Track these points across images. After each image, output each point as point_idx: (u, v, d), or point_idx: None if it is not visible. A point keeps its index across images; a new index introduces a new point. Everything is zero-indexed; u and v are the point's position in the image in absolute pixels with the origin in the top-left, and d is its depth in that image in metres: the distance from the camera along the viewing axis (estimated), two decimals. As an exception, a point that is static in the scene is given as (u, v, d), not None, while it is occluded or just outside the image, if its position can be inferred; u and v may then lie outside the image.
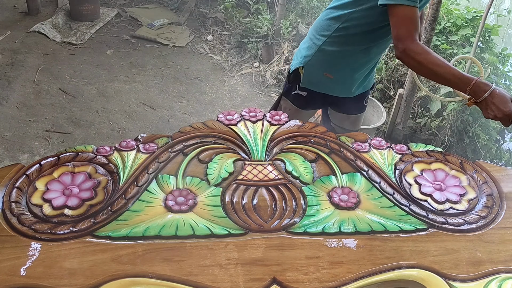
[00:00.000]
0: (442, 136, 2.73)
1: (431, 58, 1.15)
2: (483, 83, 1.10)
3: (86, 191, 0.95)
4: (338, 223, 0.92)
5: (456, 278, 0.83)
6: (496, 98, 1.06)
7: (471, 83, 1.09)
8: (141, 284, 0.78)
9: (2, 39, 3.65)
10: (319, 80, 1.54)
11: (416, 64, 1.16)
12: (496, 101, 1.06)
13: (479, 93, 1.08)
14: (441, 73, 1.13)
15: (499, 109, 1.05)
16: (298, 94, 1.58)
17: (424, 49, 1.17)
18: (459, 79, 1.11)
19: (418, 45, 1.18)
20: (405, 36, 1.18)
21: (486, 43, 2.92)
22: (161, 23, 4.15)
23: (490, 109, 1.06)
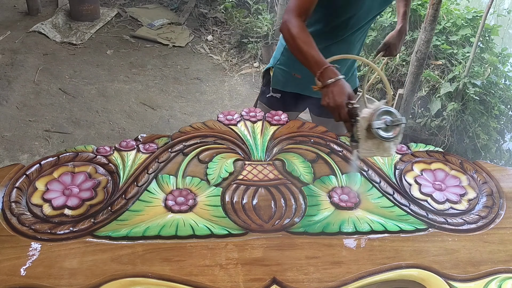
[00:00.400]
0: (442, 136, 2.73)
1: (302, 35, 1.16)
2: (332, 71, 1.10)
3: (86, 191, 0.95)
4: (338, 223, 0.92)
5: (456, 278, 0.83)
6: (336, 87, 1.06)
7: (322, 67, 1.10)
8: (141, 284, 0.78)
9: (2, 39, 3.65)
10: (288, 80, 1.52)
11: (288, 36, 1.18)
12: (334, 90, 1.06)
13: (325, 78, 1.09)
14: (304, 51, 1.14)
15: (334, 98, 1.05)
16: (272, 96, 1.55)
17: (301, 26, 1.18)
18: (315, 62, 1.12)
19: (298, 21, 1.19)
20: (291, 9, 1.20)
21: (486, 43, 2.92)
22: (161, 23, 4.15)
23: (327, 96, 1.07)
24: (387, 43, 1.50)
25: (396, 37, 1.48)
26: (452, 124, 2.70)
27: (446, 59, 2.90)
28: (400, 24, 1.49)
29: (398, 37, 1.48)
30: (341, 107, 1.04)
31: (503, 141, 2.92)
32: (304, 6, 1.20)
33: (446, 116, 2.71)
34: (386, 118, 0.95)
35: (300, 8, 1.19)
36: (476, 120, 2.70)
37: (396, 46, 1.49)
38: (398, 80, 3.04)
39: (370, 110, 0.97)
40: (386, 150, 0.97)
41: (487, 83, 2.71)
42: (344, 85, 1.07)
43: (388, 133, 0.95)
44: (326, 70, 1.10)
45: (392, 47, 1.49)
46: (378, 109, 0.96)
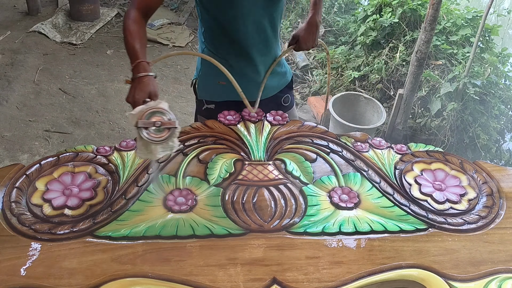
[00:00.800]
0: (442, 136, 2.73)
1: (132, 26, 1.15)
2: (145, 68, 1.07)
3: (86, 191, 0.95)
4: (338, 223, 0.92)
5: (456, 278, 0.83)
6: (140, 84, 1.02)
7: (135, 61, 1.08)
8: (141, 284, 0.78)
9: (2, 39, 3.65)
10: (215, 89, 1.44)
11: (123, 28, 1.17)
12: (138, 86, 1.02)
13: (135, 72, 1.06)
14: (127, 42, 1.12)
15: (133, 94, 1.01)
16: (207, 108, 1.47)
17: (135, 17, 1.17)
18: (133, 55, 1.10)
19: (135, 12, 1.18)
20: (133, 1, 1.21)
21: (486, 43, 2.92)
22: (161, 23, 4.15)
23: (130, 91, 1.03)
24: (296, 36, 1.38)
25: (304, 29, 1.37)
26: (452, 124, 2.70)
27: (446, 59, 2.90)
28: (310, 15, 1.38)
29: (307, 29, 1.36)
30: (137, 103, 0.98)
31: (503, 141, 2.92)
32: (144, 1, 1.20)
33: (446, 116, 2.71)
34: (162, 119, 0.92)
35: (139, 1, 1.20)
36: (476, 120, 2.70)
37: (306, 39, 1.37)
38: (398, 80, 3.04)
39: (142, 108, 0.94)
40: (151, 152, 0.92)
41: (487, 83, 2.71)
42: (149, 83, 1.03)
43: (155, 134, 0.91)
44: (139, 64, 1.07)
45: (301, 40, 1.37)
46: (150, 109, 0.93)
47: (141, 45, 1.13)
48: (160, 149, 0.92)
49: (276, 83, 1.51)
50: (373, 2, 3.26)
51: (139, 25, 1.18)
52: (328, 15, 3.93)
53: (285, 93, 1.57)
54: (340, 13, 3.98)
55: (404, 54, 3.03)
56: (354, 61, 3.26)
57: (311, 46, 1.39)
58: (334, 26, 3.83)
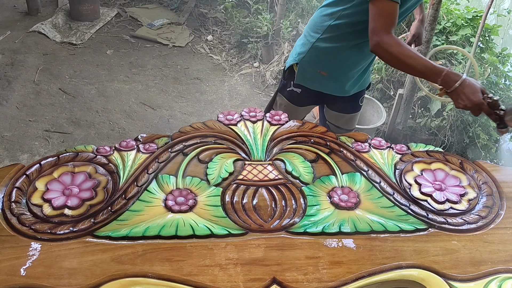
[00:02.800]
0: (442, 136, 2.73)
1: (403, 50, 1.16)
2: (454, 74, 1.11)
3: (86, 191, 0.95)
4: (338, 223, 0.92)
5: (456, 278, 0.83)
6: (466, 88, 1.07)
7: (442, 73, 1.11)
8: (141, 284, 0.78)
9: (2, 39, 3.65)
10: (313, 77, 1.54)
11: (389, 56, 1.18)
12: (466, 91, 1.07)
13: (450, 83, 1.09)
14: (413, 65, 1.14)
15: (469, 99, 1.06)
16: (293, 90, 1.58)
17: (396, 41, 1.19)
18: (431, 70, 1.12)
19: (392, 37, 1.19)
20: (380, 29, 1.19)
21: (486, 43, 2.92)
22: (161, 23, 4.15)
23: (460, 98, 1.08)
24: (416, 34, 1.62)
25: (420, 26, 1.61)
26: (452, 124, 2.70)
27: (446, 59, 2.90)
28: (421, 14, 1.61)
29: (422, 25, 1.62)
30: (481, 104, 1.06)
31: (503, 141, 2.92)
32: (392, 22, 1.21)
33: (446, 116, 2.71)
34: None
35: (388, 25, 1.20)
36: (476, 120, 2.70)
37: (422, 35, 1.62)
38: (398, 80, 3.04)
39: None
40: None
41: (487, 83, 2.71)
42: (472, 83, 1.08)
43: None
44: (447, 74, 1.10)
45: (420, 36, 1.62)
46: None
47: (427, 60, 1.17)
48: None
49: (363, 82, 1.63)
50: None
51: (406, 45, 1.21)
52: (328, 15, 3.92)
53: (364, 93, 1.72)
54: (340, 13, 3.97)
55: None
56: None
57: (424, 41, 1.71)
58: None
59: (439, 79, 1.11)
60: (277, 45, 3.88)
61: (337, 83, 1.51)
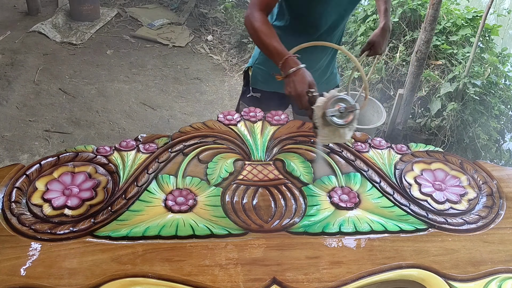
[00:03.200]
0: (442, 136, 2.73)
1: (264, 28, 1.19)
2: (294, 61, 1.12)
3: (86, 191, 0.95)
4: (338, 223, 0.92)
5: (456, 278, 0.83)
6: (297, 76, 1.08)
7: (283, 58, 1.13)
8: (141, 284, 0.78)
9: (2, 39, 3.65)
10: (267, 79, 1.52)
11: (251, 30, 1.21)
12: (295, 79, 1.08)
13: (287, 68, 1.11)
14: (266, 43, 1.17)
15: (295, 87, 1.08)
16: (253, 96, 1.56)
17: (262, 19, 1.21)
18: (277, 53, 1.15)
19: (261, 14, 1.21)
20: (254, 3, 1.23)
21: (486, 43, 2.92)
22: (161, 23, 4.15)
23: (289, 85, 1.09)
24: (371, 41, 1.47)
25: (379, 35, 1.46)
26: (452, 124, 2.70)
27: (446, 59, 2.90)
28: (383, 21, 1.46)
29: (382, 35, 1.46)
30: (302, 95, 1.06)
31: (503, 141, 2.92)
32: (265, 2, 1.23)
33: (446, 116, 2.71)
34: (341, 106, 1.00)
35: (261, 3, 1.23)
36: (476, 120, 2.70)
37: (381, 44, 1.46)
38: (398, 80, 3.04)
39: (324, 99, 1.02)
40: (341, 136, 1.02)
41: (487, 83, 2.71)
42: (304, 74, 1.09)
43: (342, 119, 1.00)
44: (287, 60, 1.12)
45: (377, 45, 1.46)
46: (332, 97, 1.01)
47: (278, 42, 1.17)
48: (347, 131, 1.03)
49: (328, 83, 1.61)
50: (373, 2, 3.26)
51: (268, 24, 1.22)
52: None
53: None
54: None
55: (404, 54, 3.03)
56: (354, 61, 3.26)
57: (383, 51, 1.50)
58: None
59: (280, 62, 1.13)
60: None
61: None
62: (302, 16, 1.37)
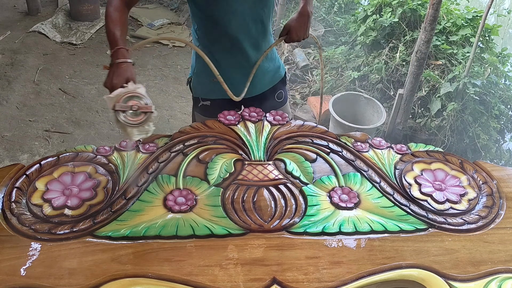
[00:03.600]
0: (442, 136, 2.73)
1: (114, 14, 1.18)
2: (123, 54, 1.10)
3: (86, 191, 0.95)
4: (338, 223, 0.92)
5: (456, 278, 0.83)
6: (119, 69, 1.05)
7: (114, 48, 1.11)
8: (141, 284, 0.78)
9: (2, 39, 3.65)
10: (209, 87, 1.45)
11: (105, 14, 1.20)
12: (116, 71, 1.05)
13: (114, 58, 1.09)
14: (108, 29, 1.15)
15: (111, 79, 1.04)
16: (203, 105, 1.51)
17: (117, 5, 1.19)
18: (112, 41, 1.13)
19: (119, 1, 1.20)
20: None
21: (486, 43, 2.92)
22: (161, 23, 4.15)
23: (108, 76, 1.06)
24: (287, 26, 1.37)
25: (296, 20, 1.36)
26: (452, 124, 2.70)
27: (446, 59, 2.90)
28: (301, 5, 1.37)
29: (299, 19, 1.35)
30: (114, 88, 1.01)
31: (503, 141, 2.92)
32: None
33: (446, 116, 2.71)
34: (139, 103, 0.96)
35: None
36: (476, 120, 2.70)
37: (297, 30, 1.35)
38: (398, 80, 3.04)
39: (120, 91, 0.97)
40: (128, 134, 0.96)
41: (487, 83, 2.71)
42: (127, 68, 1.06)
43: (132, 117, 0.95)
44: (118, 51, 1.10)
45: (293, 31, 1.36)
46: (128, 93, 0.96)
47: (121, 32, 1.15)
48: (136, 132, 0.96)
49: (269, 79, 1.52)
50: (373, 2, 3.26)
51: (121, 12, 1.19)
52: (328, 15, 3.93)
53: (279, 88, 1.58)
54: (340, 13, 3.97)
55: (404, 54, 3.03)
56: (354, 61, 3.26)
57: (302, 37, 1.38)
58: (334, 26, 3.83)
59: (112, 50, 1.11)
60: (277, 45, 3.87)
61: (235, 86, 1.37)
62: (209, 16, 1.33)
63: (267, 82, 1.52)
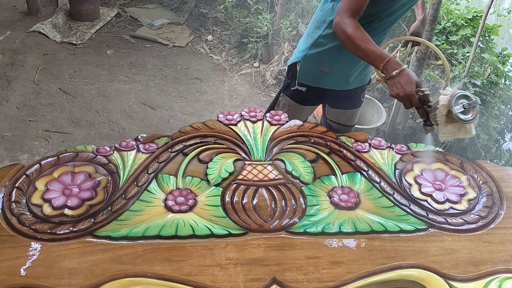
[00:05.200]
0: (442, 136, 2.73)
1: (358, 33, 1.20)
2: (396, 63, 1.14)
3: (86, 191, 0.95)
4: (338, 223, 0.92)
5: (456, 278, 0.83)
6: (403, 77, 1.11)
7: (385, 60, 1.15)
8: (141, 284, 0.78)
9: (2, 39, 3.65)
10: (315, 75, 1.55)
11: (344, 36, 1.22)
12: (402, 80, 1.10)
13: (390, 70, 1.14)
14: (363, 48, 1.18)
15: (402, 88, 1.10)
16: (297, 89, 1.59)
17: (355, 24, 1.22)
18: (376, 56, 1.17)
19: (352, 20, 1.22)
20: (344, 10, 1.24)
21: (486, 43, 2.92)
22: (161, 23, 4.15)
23: (395, 86, 1.12)
24: (414, 33, 1.60)
25: (420, 26, 1.59)
26: (452, 124, 2.69)
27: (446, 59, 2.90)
28: (422, 14, 1.60)
29: (422, 26, 1.59)
30: (412, 95, 1.09)
31: (503, 141, 2.92)
32: (356, 6, 1.24)
33: (446, 116, 2.71)
34: (463, 102, 1.02)
35: (352, 9, 1.24)
36: (476, 120, 2.69)
37: (421, 35, 1.59)
38: (398, 80, 3.04)
39: (447, 97, 1.04)
40: (468, 132, 1.05)
41: (487, 83, 2.71)
42: (410, 74, 1.11)
43: (467, 115, 1.03)
44: (389, 62, 1.14)
45: (421, 36, 1.60)
46: (455, 95, 1.03)
47: (375, 46, 1.20)
48: (473, 126, 1.06)
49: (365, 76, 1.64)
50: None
51: (361, 29, 1.24)
52: (328, 15, 3.92)
53: (365, 88, 1.73)
54: (340, 13, 3.97)
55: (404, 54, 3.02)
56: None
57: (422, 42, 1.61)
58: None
59: (381, 64, 1.15)
60: (277, 45, 3.88)
61: (340, 79, 1.52)
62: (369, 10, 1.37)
63: (363, 79, 1.62)
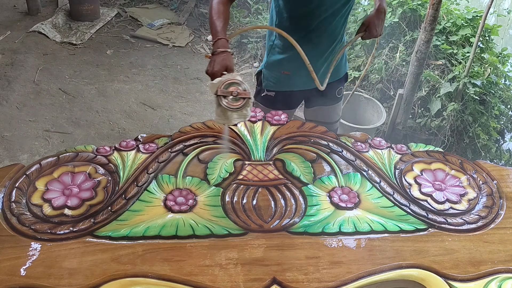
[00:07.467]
0: (442, 136, 2.73)
1: (217, 6, 1.25)
2: (224, 44, 1.17)
3: (86, 191, 0.95)
4: (338, 223, 0.92)
5: (456, 278, 0.83)
6: (219, 57, 1.13)
7: (215, 38, 1.19)
8: (141, 284, 0.78)
9: (2, 39, 3.65)
10: (279, 79, 1.55)
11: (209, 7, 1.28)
12: (217, 59, 1.13)
13: (215, 47, 1.17)
14: (212, 20, 1.23)
15: (213, 66, 1.12)
16: (267, 95, 1.61)
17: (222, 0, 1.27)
18: (215, 31, 1.21)
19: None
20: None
21: (486, 43, 2.92)
22: (161, 23, 4.15)
23: (210, 64, 1.14)
24: (366, 23, 1.47)
25: (374, 16, 1.46)
26: (452, 124, 2.69)
27: (446, 59, 2.90)
28: (378, 3, 1.47)
29: (377, 16, 1.45)
30: (215, 75, 1.09)
31: (503, 141, 2.92)
32: None
33: (446, 116, 2.71)
34: (238, 89, 1.03)
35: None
36: (476, 120, 2.69)
37: (376, 26, 1.45)
38: (398, 80, 3.04)
39: (223, 78, 1.06)
40: (228, 119, 1.03)
41: (487, 83, 2.71)
42: (227, 58, 1.13)
43: (232, 102, 1.02)
44: (219, 40, 1.17)
45: (372, 27, 1.45)
46: (228, 80, 1.04)
47: (223, 24, 1.23)
48: (235, 116, 1.03)
49: (335, 72, 1.60)
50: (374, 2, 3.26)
51: (225, 6, 1.27)
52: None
53: (341, 84, 1.68)
54: (340, 13, 3.97)
55: (404, 54, 3.03)
56: (354, 61, 3.26)
57: (379, 34, 1.48)
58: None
59: (213, 40, 1.19)
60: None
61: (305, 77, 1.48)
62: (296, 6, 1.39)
63: (334, 75, 1.60)
